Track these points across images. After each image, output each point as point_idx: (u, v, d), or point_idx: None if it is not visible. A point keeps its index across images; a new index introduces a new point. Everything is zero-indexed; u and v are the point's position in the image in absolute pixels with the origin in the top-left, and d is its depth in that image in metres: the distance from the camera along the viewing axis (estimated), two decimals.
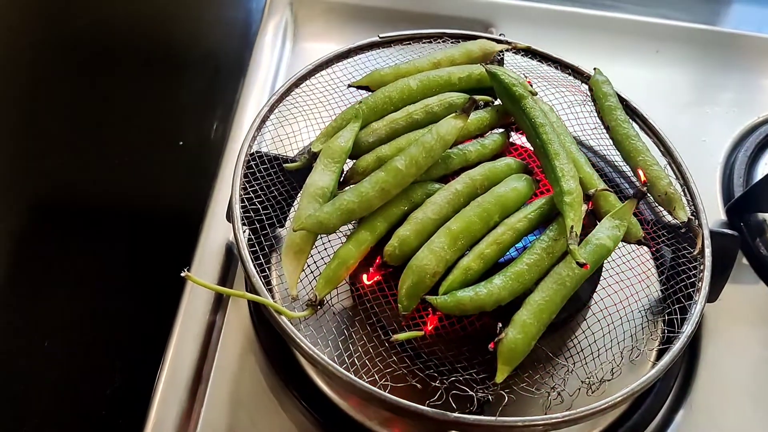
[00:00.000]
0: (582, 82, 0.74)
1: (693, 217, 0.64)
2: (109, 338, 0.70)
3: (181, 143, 0.85)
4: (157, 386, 0.62)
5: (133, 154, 0.84)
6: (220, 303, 0.69)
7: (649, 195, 0.64)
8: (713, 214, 0.79)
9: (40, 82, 0.87)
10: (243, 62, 0.89)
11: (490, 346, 0.53)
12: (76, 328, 0.70)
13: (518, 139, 0.69)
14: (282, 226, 0.64)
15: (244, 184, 0.61)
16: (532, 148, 0.64)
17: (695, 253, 0.62)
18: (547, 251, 0.56)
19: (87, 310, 0.71)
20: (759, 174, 0.84)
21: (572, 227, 0.55)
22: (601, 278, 0.62)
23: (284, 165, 0.64)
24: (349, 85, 0.69)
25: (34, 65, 0.87)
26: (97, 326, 0.71)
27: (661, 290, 0.65)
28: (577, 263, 0.53)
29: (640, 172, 0.65)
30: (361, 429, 0.60)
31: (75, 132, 0.84)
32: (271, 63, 0.90)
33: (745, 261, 0.77)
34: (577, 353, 0.58)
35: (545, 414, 0.52)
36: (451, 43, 0.75)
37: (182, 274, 0.53)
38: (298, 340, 0.53)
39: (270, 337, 0.64)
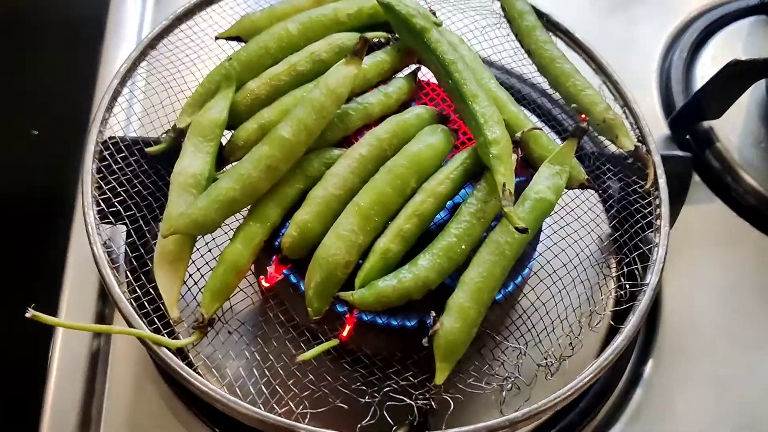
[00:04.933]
0: (492, 0, 0.64)
1: (640, 144, 0.55)
2: None
3: (35, 132, 0.72)
4: None
5: None
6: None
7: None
8: (656, 128, 0.72)
9: None
10: (101, 27, 0.76)
11: (424, 341, 0.44)
12: None
13: (428, 77, 0.58)
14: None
15: (98, 182, 0.50)
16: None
17: (648, 186, 0.53)
18: (477, 216, 0.47)
19: None
20: (698, 76, 0.78)
21: (504, 184, 0.45)
22: (542, 235, 0.53)
23: (146, 149, 0.53)
24: (217, 38, 0.59)
25: None
26: None
27: (614, 238, 0.56)
28: (516, 228, 0.43)
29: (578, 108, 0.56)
30: None
31: None
32: (133, 23, 0.77)
33: (697, 178, 0.71)
34: (528, 331, 0.50)
35: (502, 414, 0.43)
36: None
37: (27, 315, 0.42)
38: (186, 375, 0.43)
39: None
